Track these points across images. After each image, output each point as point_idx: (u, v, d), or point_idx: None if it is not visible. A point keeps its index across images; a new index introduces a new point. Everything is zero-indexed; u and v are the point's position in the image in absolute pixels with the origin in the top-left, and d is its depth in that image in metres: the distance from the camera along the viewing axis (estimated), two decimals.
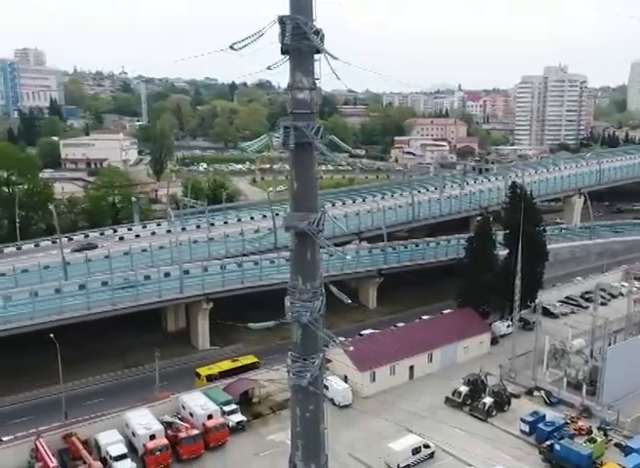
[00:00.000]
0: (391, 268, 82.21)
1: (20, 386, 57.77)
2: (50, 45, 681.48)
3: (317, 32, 23.34)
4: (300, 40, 23.19)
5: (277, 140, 25.59)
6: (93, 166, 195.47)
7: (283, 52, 24.04)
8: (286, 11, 23.66)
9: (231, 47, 22.04)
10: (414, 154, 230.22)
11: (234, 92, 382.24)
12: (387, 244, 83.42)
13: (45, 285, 62.31)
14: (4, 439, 48.48)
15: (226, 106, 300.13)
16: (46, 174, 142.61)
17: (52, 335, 50.28)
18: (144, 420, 48.61)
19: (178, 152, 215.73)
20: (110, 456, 45.11)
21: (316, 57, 24.35)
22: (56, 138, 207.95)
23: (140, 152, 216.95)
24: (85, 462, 43.86)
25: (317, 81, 24.39)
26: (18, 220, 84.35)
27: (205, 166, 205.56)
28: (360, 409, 54.00)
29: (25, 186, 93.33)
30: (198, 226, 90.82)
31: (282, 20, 22.96)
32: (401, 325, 69.36)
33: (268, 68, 27.06)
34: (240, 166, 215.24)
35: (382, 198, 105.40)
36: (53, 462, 42.89)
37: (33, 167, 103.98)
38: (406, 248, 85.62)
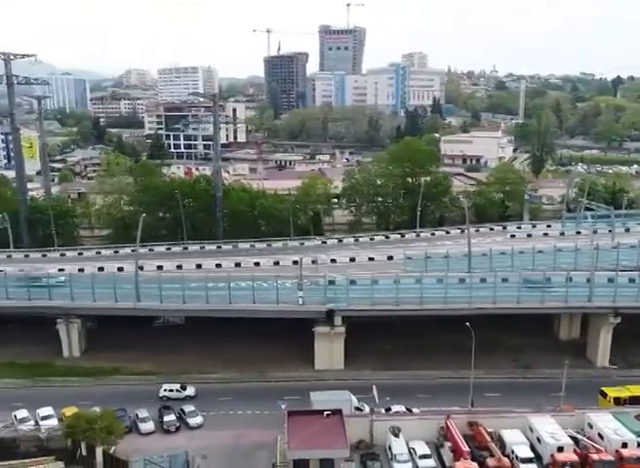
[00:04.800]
0: None
1: (427, 363, 61.97)
2: (429, 48, 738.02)
3: None
4: None
5: None
6: (469, 162, 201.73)
7: None
8: None
9: None
10: None
11: (617, 87, 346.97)
12: None
13: (450, 274, 65.32)
14: (413, 410, 52.56)
15: (611, 103, 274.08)
16: None
17: (467, 323, 52.13)
18: (551, 429, 46.42)
19: (555, 151, 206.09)
20: (516, 457, 44.31)
21: None
22: (437, 135, 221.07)
23: (514, 150, 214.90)
24: (493, 455, 44.07)
25: None
26: (419, 209, 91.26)
27: (585, 167, 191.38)
28: None
29: (428, 178, 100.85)
30: (595, 231, 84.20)
31: None
32: None
33: None
34: (625, 168, 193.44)
35: None
36: (465, 447, 44.23)
37: (434, 160, 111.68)
38: None
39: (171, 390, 57.21)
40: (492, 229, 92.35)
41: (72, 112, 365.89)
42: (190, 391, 57.43)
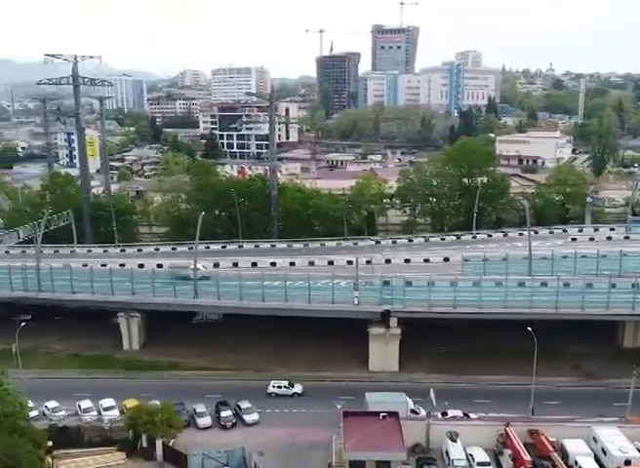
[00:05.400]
0: None
1: (484, 368, 60.64)
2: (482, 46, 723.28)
3: None
4: None
5: None
6: (525, 163, 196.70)
7: None
8: None
9: None
10: None
11: None
12: None
13: (510, 277, 63.57)
14: (471, 415, 51.47)
15: None
16: None
17: (529, 328, 50.81)
18: (617, 441, 44.68)
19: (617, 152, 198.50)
20: None
21: None
22: (492, 135, 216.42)
23: (573, 151, 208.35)
24: (555, 465, 42.81)
25: None
26: (476, 211, 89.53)
27: None
28: None
29: (484, 179, 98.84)
30: None
31: None
32: None
33: None
34: None
35: None
36: (527, 456, 43.10)
37: (490, 160, 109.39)
38: None
39: (279, 387, 57.77)
40: (552, 232, 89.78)
41: (130, 112, 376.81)
42: (298, 388, 57.80)
